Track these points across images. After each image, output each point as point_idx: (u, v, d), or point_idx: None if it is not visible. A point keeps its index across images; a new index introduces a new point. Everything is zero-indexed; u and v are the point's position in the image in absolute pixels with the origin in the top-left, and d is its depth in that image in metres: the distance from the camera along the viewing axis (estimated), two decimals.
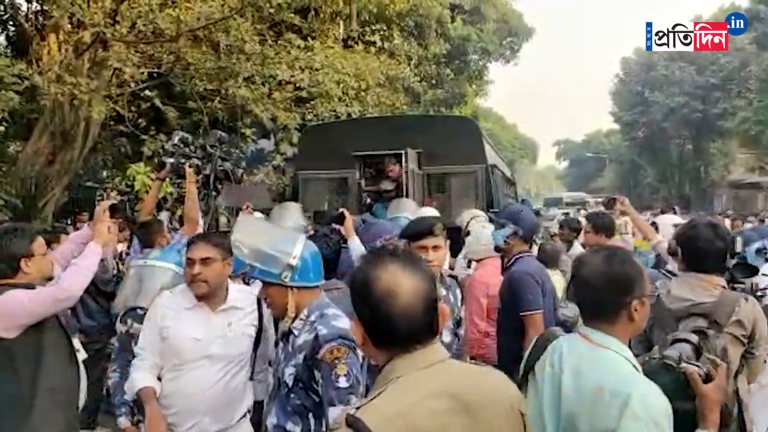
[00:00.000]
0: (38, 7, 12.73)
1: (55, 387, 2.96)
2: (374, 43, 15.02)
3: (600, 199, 29.31)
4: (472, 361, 4.11)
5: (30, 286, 2.97)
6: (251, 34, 11.25)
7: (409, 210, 5.13)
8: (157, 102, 11.87)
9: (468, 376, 1.46)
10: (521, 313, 3.58)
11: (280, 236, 2.51)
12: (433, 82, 22.98)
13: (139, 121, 12.24)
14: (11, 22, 13.97)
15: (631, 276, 1.90)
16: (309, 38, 12.86)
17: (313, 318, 2.31)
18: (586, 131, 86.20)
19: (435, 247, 3.08)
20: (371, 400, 1.36)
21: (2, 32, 14.47)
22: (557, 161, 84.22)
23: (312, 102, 12.39)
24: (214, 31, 11.09)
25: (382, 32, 15.70)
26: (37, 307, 2.90)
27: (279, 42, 12.29)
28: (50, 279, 3.19)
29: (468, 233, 4.62)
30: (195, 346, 2.86)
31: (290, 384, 2.27)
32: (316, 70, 11.81)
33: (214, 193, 4.91)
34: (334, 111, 12.22)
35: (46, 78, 9.75)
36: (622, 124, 50.19)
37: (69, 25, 11.10)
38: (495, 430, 1.42)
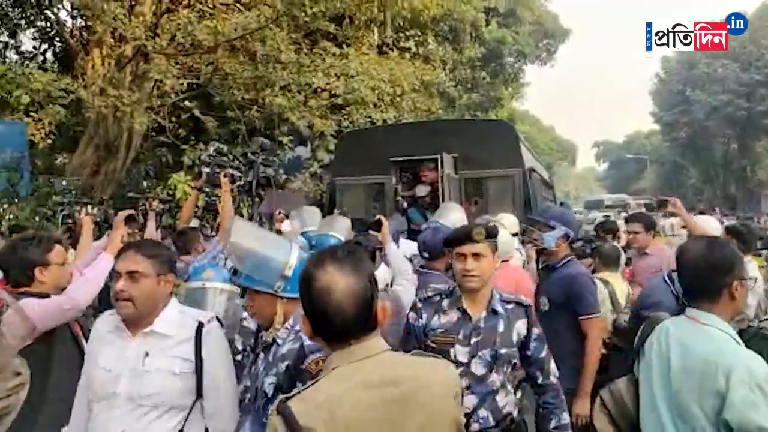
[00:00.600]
0: (82, 23, 13.16)
1: (62, 399, 2.78)
2: (409, 48, 15.06)
3: (642, 201, 28.73)
4: None
5: (45, 296, 2.88)
6: (287, 43, 11.40)
7: (449, 214, 5.07)
8: (197, 112, 12.13)
9: (405, 367, 1.54)
10: (581, 317, 3.50)
11: (276, 244, 2.37)
12: (469, 86, 22.90)
13: (180, 131, 12.53)
14: (57, 39, 14.46)
15: (731, 259, 2.13)
16: (344, 46, 12.97)
17: (298, 327, 2.20)
18: (626, 132, 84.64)
19: (476, 255, 2.71)
20: (305, 389, 1.48)
21: (49, 48, 15.00)
22: (597, 163, 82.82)
23: (347, 109, 12.48)
24: (251, 41, 11.27)
25: (416, 38, 15.73)
26: (45, 315, 2.80)
27: (314, 50, 12.43)
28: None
29: None
30: (104, 378, 2.35)
31: (270, 394, 2.17)
32: (351, 77, 11.89)
33: (257, 199, 4.97)
34: (370, 117, 12.28)
35: (90, 91, 10.04)
36: (662, 125, 49.07)
37: (111, 40, 11.44)
38: (429, 419, 1.49)
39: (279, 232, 7.79)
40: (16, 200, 9.79)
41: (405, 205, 7.73)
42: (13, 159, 10.18)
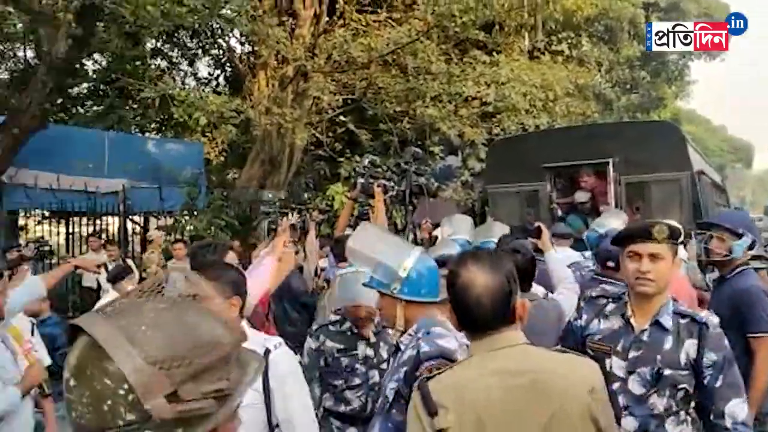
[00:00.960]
0: (249, 49, 14.31)
1: None
2: (561, 51, 14.62)
3: None
4: None
5: None
6: (437, 54, 11.57)
7: (609, 221, 4.85)
8: (351, 126, 12.66)
9: (540, 360, 1.63)
10: (750, 334, 3.13)
11: (395, 247, 2.41)
12: (627, 86, 21.73)
13: (336, 144, 13.14)
14: (228, 64, 15.84)
15: None
16: (494, 53, 12.89)
17: (420, 334, 2.20)
18: None
19: (653, 256, 2.35)
20: (443, 371, 1.66)
21: (221, 73, 16.48)
22: None
23: (498, 116, 12.37)
24: (403, 55, 11.59)
25: (569, 40, 15.23)
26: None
27: (464, 59, 12.47)
28: None
29: None
30: None
31: (390, 399, 2.17)
32: (502, 84, 11.77)
33: (409, 207, 5.08)
34: (522, 124, 12.07)
35: (257, 111, 10.87)
36: None
37: (275, 62, 12.31)
38: (559, 410, 1.53)
39: (427, 240, 7.92)
40: (195, 212, 10.82)
41: (560, 212, 7.51)
42: (193, 175, 11.27)
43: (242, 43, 14.82)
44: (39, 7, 9.36)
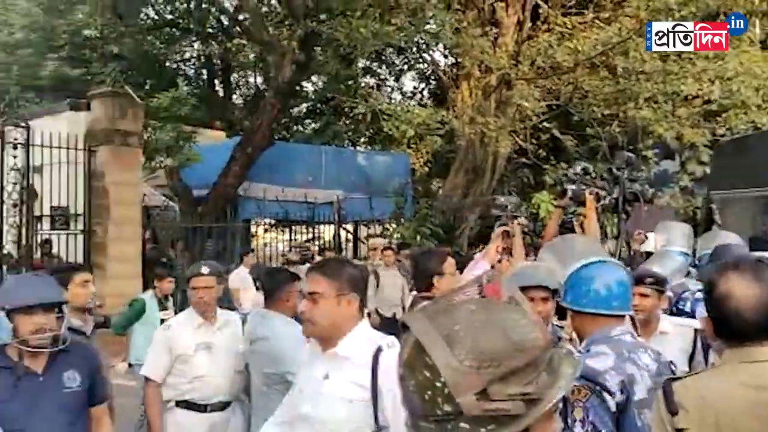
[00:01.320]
0: (452, 61, 14.65)
1: None
2: None
3: None
4: None
5: None
6: (651, 52, 10.82)
7: None
8: (556, 132, 12.34)
9: None
10: None
11: (576, 257, 2.31)
12: None
13: (540, 151, 12.89)
14: (432, 77, 16.37)
15: None
16: None
17: (583, 351, 2.10)
18: None
19: None
20: (690, 375, 1.73)
21: (425, 87, 17.08)
22: None
23: (724, 115, 11.21)
24: (612, 56, 11.01)
25: None
26: None
27: (683, 55, 11.50)
28: None
29: None
30: (293, 400, 2.31)
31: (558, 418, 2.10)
32: (729, 79, 10.65)
33: (623, 215, 4.83)
34: (753, 122, 10.80)
35: (461, 121, 11.07)
36: None
37: (478, 72, 12.46)
38: None
39: (636, 252, 7.44)
40: (402, 221, 11.31)
41: None
42: (400, 186, 11.81)
43: (446, 56, 15.23)
44: (268, 37, 10.52)
